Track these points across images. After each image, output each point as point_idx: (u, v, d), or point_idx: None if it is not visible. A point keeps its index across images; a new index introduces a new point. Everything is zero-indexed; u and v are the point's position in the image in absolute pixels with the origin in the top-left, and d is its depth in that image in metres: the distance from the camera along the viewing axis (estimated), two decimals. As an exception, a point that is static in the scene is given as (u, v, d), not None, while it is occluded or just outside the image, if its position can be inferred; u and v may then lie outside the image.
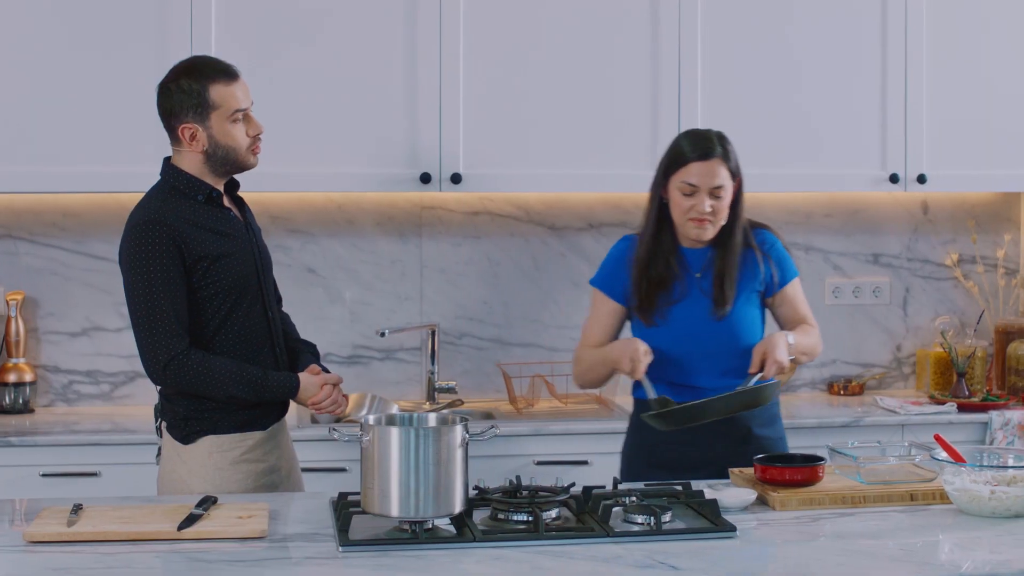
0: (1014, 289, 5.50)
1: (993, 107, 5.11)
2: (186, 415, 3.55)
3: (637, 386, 3.89)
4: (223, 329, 3.56)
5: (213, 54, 4.52)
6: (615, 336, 3.91)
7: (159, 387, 3.60)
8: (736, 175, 3.76)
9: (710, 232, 3.75)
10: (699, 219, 3.73)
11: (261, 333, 3.64)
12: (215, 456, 3.54)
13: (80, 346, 5.02)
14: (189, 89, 3.52)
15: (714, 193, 3.72)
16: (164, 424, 3.63)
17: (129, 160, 4.65)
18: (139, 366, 4.96)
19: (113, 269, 4.99)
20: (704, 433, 3.69)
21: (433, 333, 5.11)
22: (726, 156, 3.74)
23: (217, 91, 3.53)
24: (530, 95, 4.87)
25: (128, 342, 4.98)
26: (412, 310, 5.19)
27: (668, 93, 4.91)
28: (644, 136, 4.91)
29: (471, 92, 4.82)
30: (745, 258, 3.82)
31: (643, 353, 3.66)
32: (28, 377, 4.87)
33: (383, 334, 4.91)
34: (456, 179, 4.79)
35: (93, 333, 5.02)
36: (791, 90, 4.99)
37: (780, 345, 3.66)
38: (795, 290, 3.91)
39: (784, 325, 3.91)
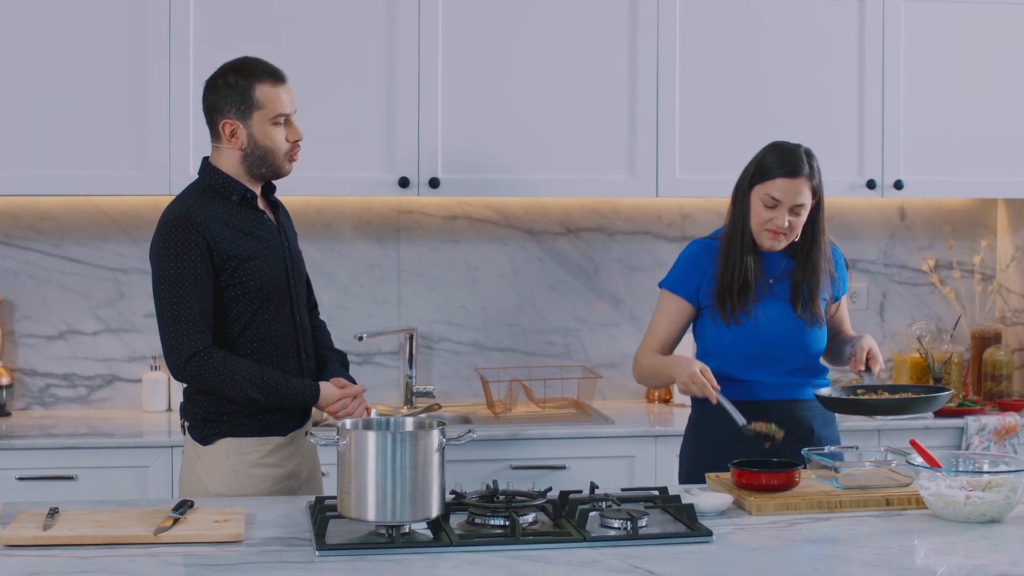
0: (990, 295, 5.52)
1: (969, 114, 5.13)
2: (206, 416, 3.56)
3: None
4: (248, 331, 3.56)
5: (191, 57, 4.55)
6: (680, 336, 3.96)
7: (182, 385, 3.60)
8: (817, 192, 3.82)
9: (783, 244, 3.83)
10: (775, 231, 3.79)
11: (287, 338, 3.63)
12: (232, 458, 3.55)
13: (57, 349, 5.00)
14: (235, 85, 3.54)
15: (794, 210, 3.78)
16: (186, 424, 3.63)
17: (106, 163, 4.64)
18: (116, 369, 5.01)
19: (91, 272, 4.99)
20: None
21: (411, 337, 5.11)
22: (811, 175, 3.79)
23: (262, 91, 3.55)
24: (509, 100, 4.87)
25: (105, 346, 4.99)
26: (390, 314, 5.19)
27: (646, 100, 4.91)
28: (622, 142, 4.92)
29: (449, 97, 4.82)
30: None
31: (704, 379, 3.66)
32: (4, 380, 4.86)
33: (361, 338, 4.91)
34: (434, 183, 4.80)
35: (70, 336, 5.01)
36: (768, 97, 5.00)
37: (876, 346, 3.84)
38: (844, 304, 4.06)
39: (829, 332, 4.02)
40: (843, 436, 4.06)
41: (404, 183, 4.78)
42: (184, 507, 3.12)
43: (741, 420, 3.63)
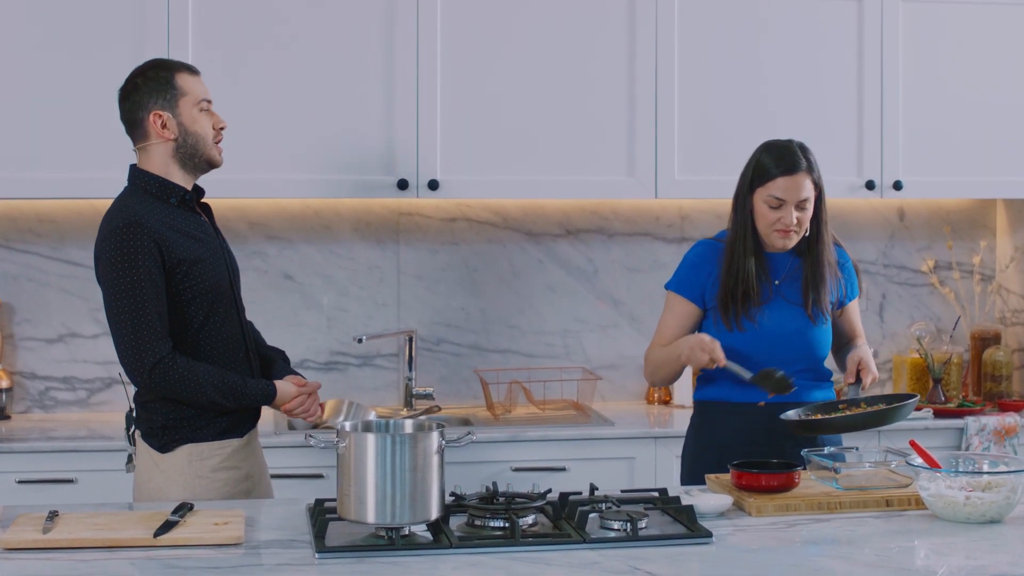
0: (990, 295, 5.52)
1: (968, 114, 5.13)
2: (164, 423, 3.52)
3: (700, 388, 3.97)
4: (202, 334, 3.54)
5: (190, 60, 4.54)
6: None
7: (136, 393, 3.58)
8: (818, 185, 3.82)
9: (794, 241, 3.82)
10: (785, 230, 3.79)
11: (236, 339, 3.63)
12: (195, 464, 3.52)
13: (56, 352, 5.00)
14: (157, 77, 3.55)
15: (800, 205, 3.79)
16: (138, 432, 3.61)
17: (105, 166, 4.63)
18: (115, 372, 4.99)
19: (91, 275, 4.97)
20: (772, 434, 3.74)
21: (410, 339, 5.10)
22: (810, 168, 3.80)
23: (183, 79, 3.57)
24: (507, 102, 4.87)
25: (105, 349, 4.98)
26: (389, 316, 5.19)
27: (645, 101, 4.91)
28: (621, 143, 4.92)
29: (448, 99, 4.82)
30: None
31: (711, 341, 3.70)
32: (4, 383, 4.85)
33: (360, 340, 4.91)
34: (433, 185, 4.80)
35: (69, 339, 5.01)
36: (767, 98, 5.00)
37: (871, 357, 3.83)
38: (855, 305, 4.04)
39: (839, 338, 4.01)
40: (843, 437, 4.06)
41: (403, 185, 4.78)
42: (184, 510, 3.11)
43: (747, 375, 3.67)
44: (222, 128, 3.63)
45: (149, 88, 3.55)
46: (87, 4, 4.64)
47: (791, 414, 3.70)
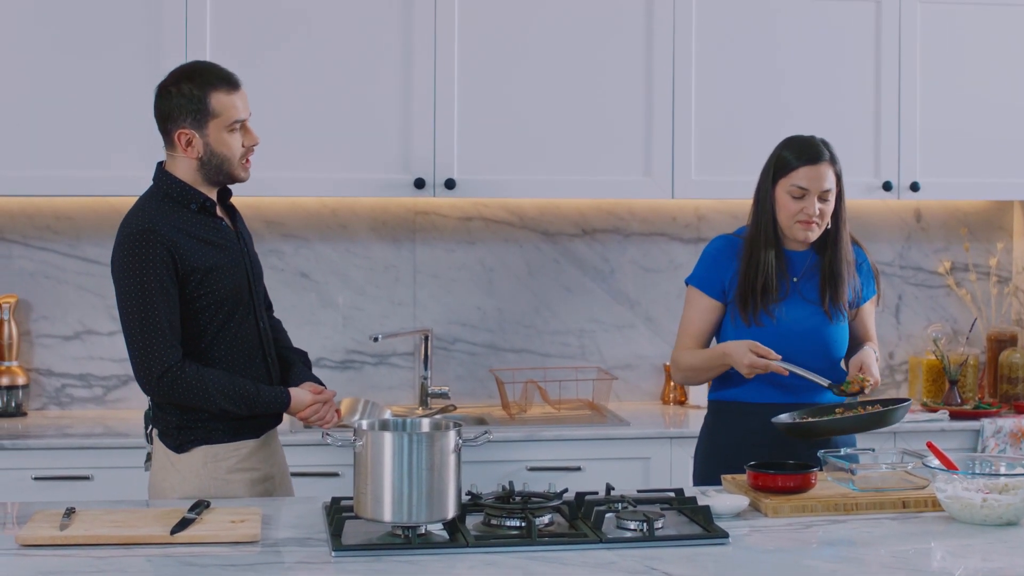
0: (1006, 297, 5.51)
1: (986, 116, 5.12)
2: (179, 424, 3.51)
3: (714, 387, 3.96)
4: (217, 340, 3.52)
5: (207, 57, 4.54)
6: (715, 330, 3.95)
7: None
8: (839, 178, 3.84)
9: (816, 233, 3.83)
10: (807, 221, 3.80)
11: (253, 343, 3.61)
12: (210, 465, 3.51)
13: (73, 349, 5.01)
14: (190, 95, 3.48)
15: (822, 196, 3.80)
16: (155, 431, 3.60)
17: (122, 164, 4.64)
18: (131, 370, 4.99)
19: (106, 272, 4.96)
20: (783, 436, 3.72)
21: (426, 338, 5.11)
22: (833, 160, 3.83)
23: (218, 99, 3.49)
24: (524, 101, 4.87)
25: (121, 346, 4.98)
26: (405, 315, 5.19)
27: (662, 101, 4.91)
28: (638, 143, 4.91)
29: (465, 98, 4.82)
30: None
31: (761, 350, 3.69)
32: (21, 380, 4.87)
33: (376, 339, 4.92)
34: (450, 184, 4.80)
35: (86, 336, 5.02)
36: (785, 99, 5.00)
37: (874, 361, 3.80)
38: (870, 307, 4.03)
39: (850, 340, 3.99)
40: (859, 438, 4.06)
41: (420, 184, 4.79)
42: (200, 507, 3.12)
43: (825, 382, 3.67)
44: (253, 146, 3.57)
45: (181, 103, 3.48)
46: (105, 3, 4.65)
47: (783, 417, 3.69)
